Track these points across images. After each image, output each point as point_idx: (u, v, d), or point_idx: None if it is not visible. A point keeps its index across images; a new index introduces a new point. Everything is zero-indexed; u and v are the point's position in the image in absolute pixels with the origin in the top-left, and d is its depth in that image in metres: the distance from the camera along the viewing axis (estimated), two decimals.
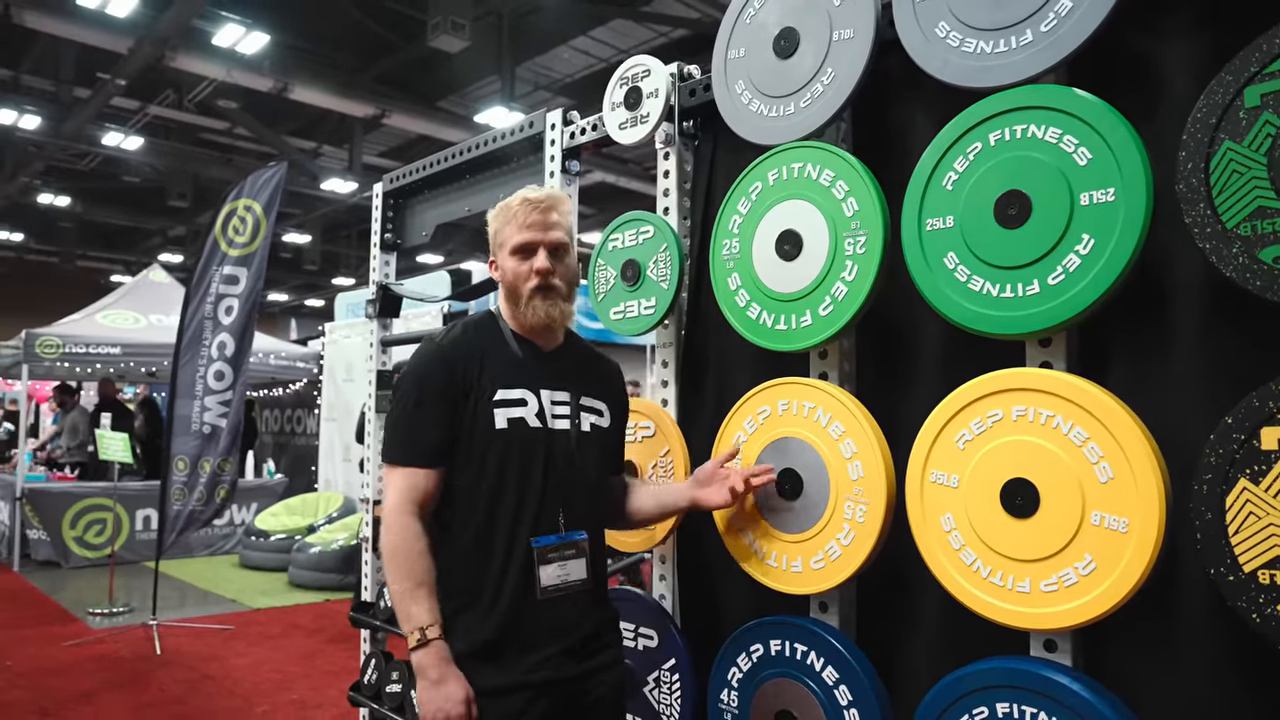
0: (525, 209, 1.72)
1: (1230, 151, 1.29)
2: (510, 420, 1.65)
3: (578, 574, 1.67)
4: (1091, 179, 1.41)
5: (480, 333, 1.75)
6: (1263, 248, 1.25)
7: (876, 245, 1.66)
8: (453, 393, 1.65)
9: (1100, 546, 1.37)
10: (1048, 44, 1.49)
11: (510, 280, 1.73)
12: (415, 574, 1.60)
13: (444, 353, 1.70)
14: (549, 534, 1.65)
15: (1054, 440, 1.42)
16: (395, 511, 1.63)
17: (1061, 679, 1.42)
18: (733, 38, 1.98)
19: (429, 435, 1.65)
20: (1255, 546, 1.24)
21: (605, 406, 1.82)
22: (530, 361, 1.73)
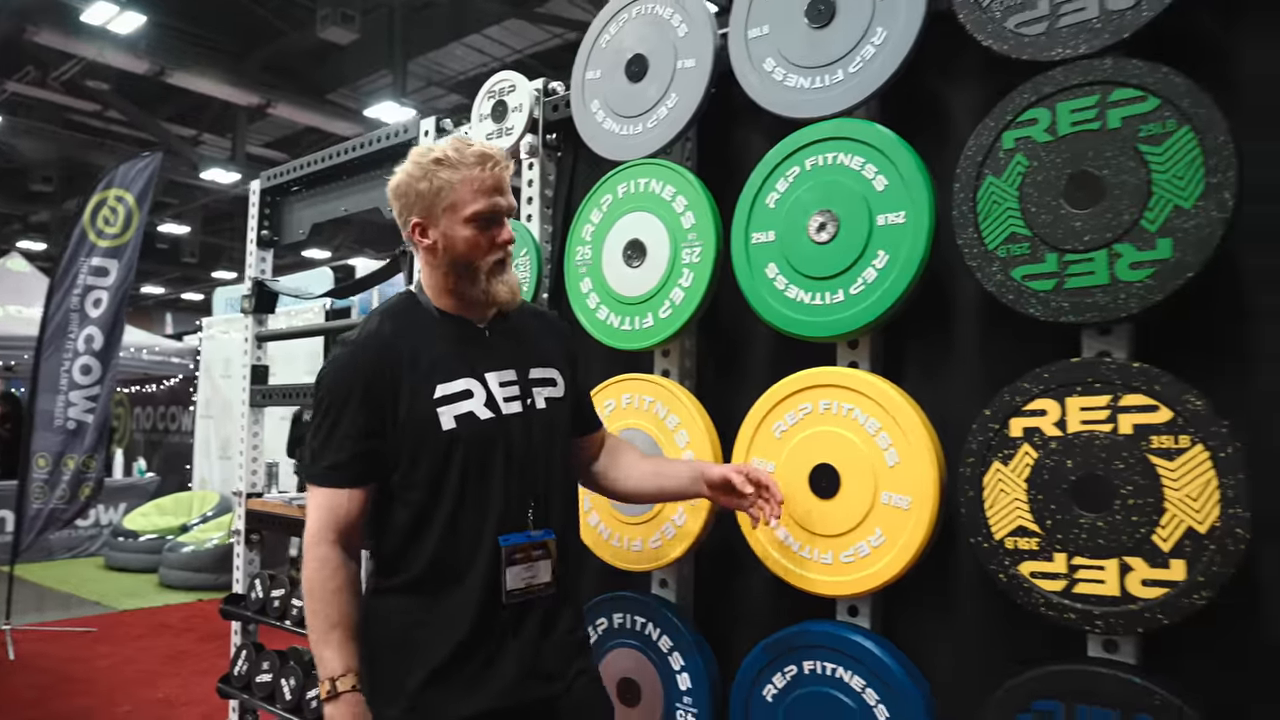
0: (483, 166, 1.45)
1: (992, 185, 1.52)
2: (458, 417, 1.44)
3: (543, 576, 1.48)
4: (887, 203, 1.63)
5: (401, 321, 1.50)
6: (1014, 267, 1.49)
7: (710, 255, 1.85)
8: (375, 399, 1.42)
9: (888, 522, 1.59)
10: (855, 83, 1.70)
11: (462, 252, 1.47)
12: (330, 615, 1.40)
13: (359, 355, 1.45)
14: (516, 532, 1.46)
15: (852, 430, 1.64)
16: (312, 541, 1.42)
17: (856, 638, 1.63)
18: (590, 60, 2.14)
19: (346, 451, 1.42)
20: (1004, 518, 1.47)
21: (556, 373, 1.59)
22: (466, 344, 1.50)
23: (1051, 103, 1.47)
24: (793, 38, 1.78)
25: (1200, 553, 1.30)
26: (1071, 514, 1.41)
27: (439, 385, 1.45)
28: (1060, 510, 1.42)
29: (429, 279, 1.54)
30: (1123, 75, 1.40)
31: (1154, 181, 1.37)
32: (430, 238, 1.48)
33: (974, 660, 1.61)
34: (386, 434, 1.43)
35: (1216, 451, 1.30)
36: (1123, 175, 1.39)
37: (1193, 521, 1.31)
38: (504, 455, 1.47)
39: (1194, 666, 1.43)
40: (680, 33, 1.97)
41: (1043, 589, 1.43)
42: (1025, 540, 1.45)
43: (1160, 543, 1.34)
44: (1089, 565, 1.39)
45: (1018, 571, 1.45)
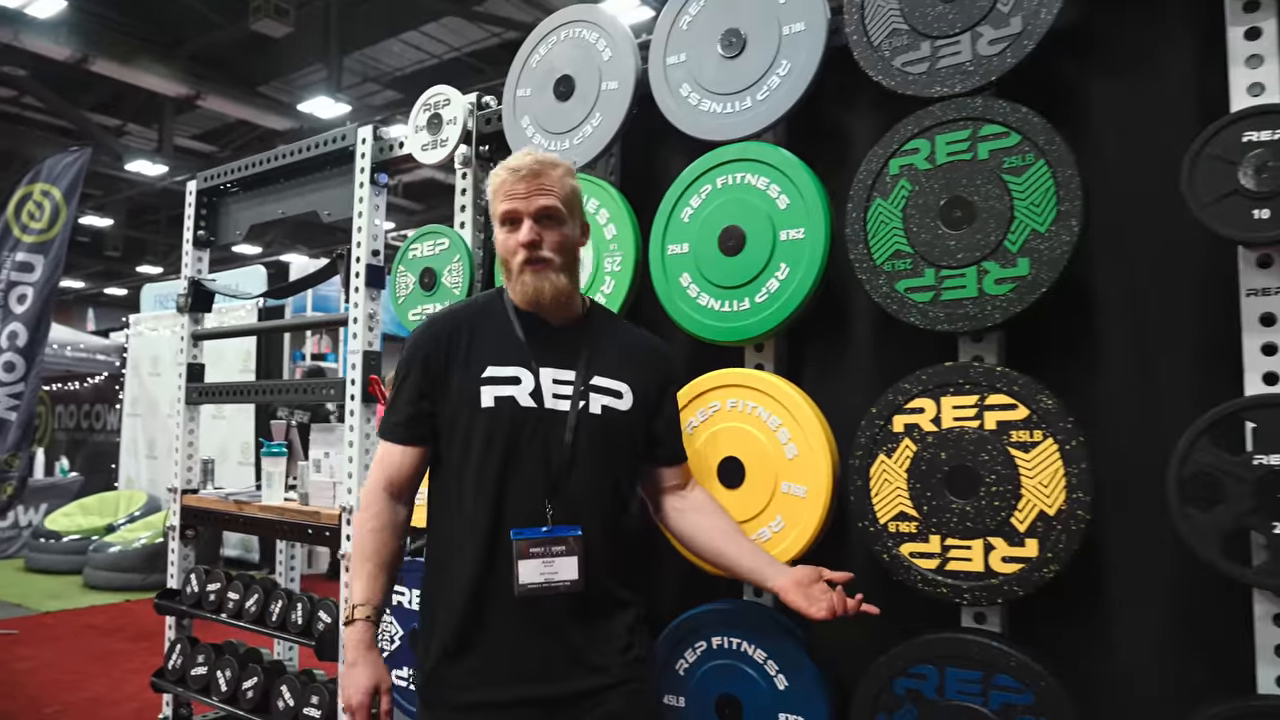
0: (508, 178, 1.57)
1: (880, 206, 1.70)
2: (498, 398, 1.52)
3: (566, 574, 1.48)
4: (788, 220, 1.79)
5: (481, 307, 1.64)
6: (898, 281, 1.66)
7: (629, 264, 2.00)
8: (434, 368, 1.56)
9: (788, 509, 1.76)
10: (763, 109, 1.86)
11: (501, 254, 1.60)
12: (365, 550, 1.55)
13: (431, 328, 1.61)
14: (535, 526, 1.49)
15: (757, 426, 1.80)
16: (366, 488, 1.61)
17: (759, 615, 1.80)
18: (521, 79, 2.27)
19: (405, 412, 1.58)
20: (887, 504, 1.65)
21: (625, 388, 1.60)
22: (532, 338, 1.58)
23: (931, 135, 1.65)
24: (707, 66, 1.93)
25: (1050, 532, 1.50)
26: (944, 500, 1.59)
27: (490, 366, 1.54)
28: (935, 497, 1.60)
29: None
30: (990, 113, 1.59)
31: (1015, 208, 1.56)
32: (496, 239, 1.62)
33: (865, 633, 1.78)
34: (439, 400, 1.56)
35: (1063, 444, 1.50)
36: (990, 201, 1.58)
37: (1044, 505, 1.51)
38: (532, 444, 1.51)
39: (1047, 631, 1.63)
40: (605, 56, 2.11)
41: (920, 567, 1.61)
42: (905, 524, 1.63)
43: (1017, 524, 1.53)
44: (959, 545, 1.58)
45: (899, 552, 1.63)
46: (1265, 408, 1.37)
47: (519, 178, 1.56)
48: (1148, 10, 1.63)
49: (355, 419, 2.67)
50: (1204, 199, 1.43)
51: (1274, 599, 1.42)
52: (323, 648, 2.62)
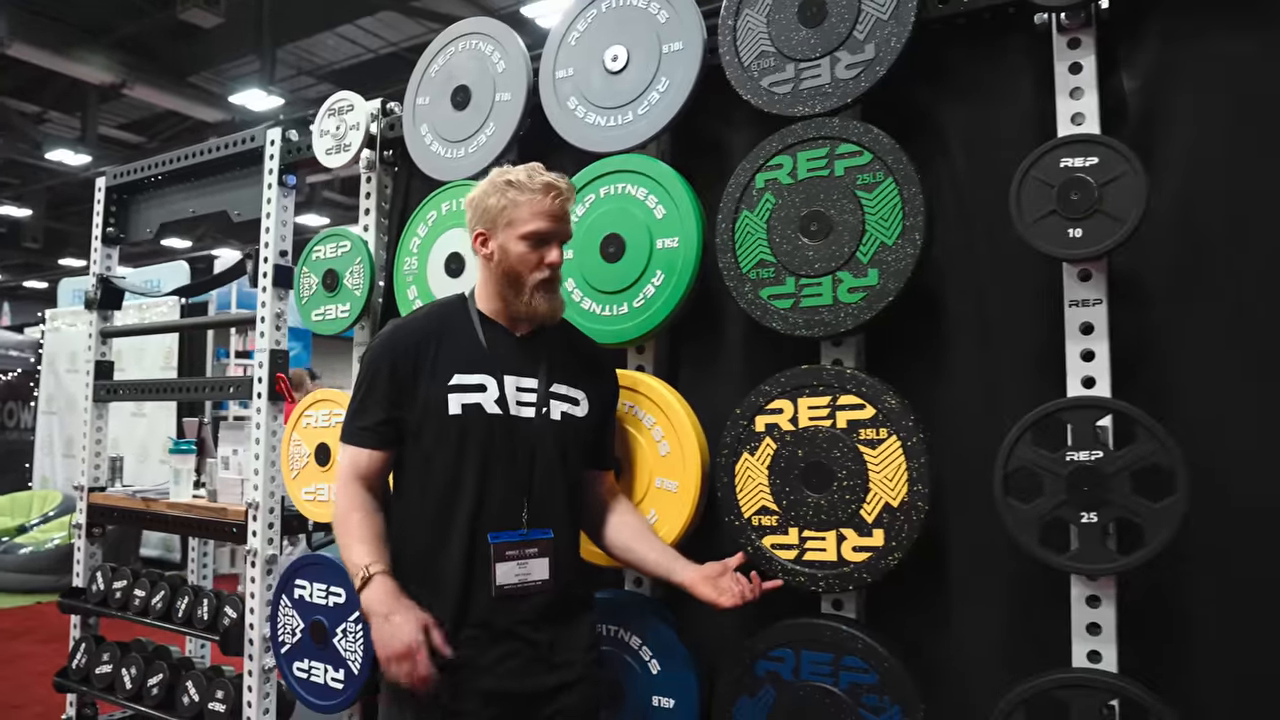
0: (547, 194, 1.60)
1: (747, 218, 1.80)
2: (465, 406, 1.58)
3: (539, 574, 1.57)
4: (665, 229, 1.89)
5: (444, 315, 1.68)
6: (762, 288, 1.77)
7: None
8: (399, 374, 1.60)
9: (661, 503, 1.86)
10: (643, 123, 1.96)
11: (513, 265, 1.61)
12: (351, 530, 1.57)
13: (396, 334, 1.65)
14: (510, 529, 1.57)
15: (633, 424, 1.90)
16: (339, 483, 1.63)
17: (638, 604, 1.90)
18: (420, 87, 2.33)
19: (372, 417, 1.61)
20: (751, 499, 1.76)
21: (582, 395, 1.69)
22: (496, 346, 1.64)
23: (793, 151, 1.76)
24: (593, 80, 2.02)
25: (894, 523, 1.62)
26: (801, 495, 1.70)
27: (456, 374, 1.59)
28: (793, 492, 1.71)
29: (481, 284, 1.69)
30: (845, 133, 1.71)
31: (867, 221, 1.68)
32: (489, 248, 1.64)
33: (737, 621, 1.89)
34: (406, 407, 1.60)
35: (906, 441, 1.62)
36: (845, 215, 1.70)
37: (889, 497, 1.63)
38: (502, 450, 1.58)
39: (898, 617, 1.76)
40: (499, 68, 2.18)
41: (780, 558, 1.72)
42: (767, 518, 1.74)
43: (866, 516, 1.65)
44: (815, 536, 1.69)
45: (762, 544, 1.74)
46: (1077, 409, 1.51)
47: (558, 199, 1.62)
48: (993, 44, 1.76)
49: (262, 416, 2.70)
50: (1027, 218, 1.56)
51: (1087, 582, 1.56)
52: (228, 642, 2.66)
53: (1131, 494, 1.45)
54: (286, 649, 2.44)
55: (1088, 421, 1.50)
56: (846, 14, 1.73)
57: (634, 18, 1.98)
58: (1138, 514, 1.45)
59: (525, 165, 1.66)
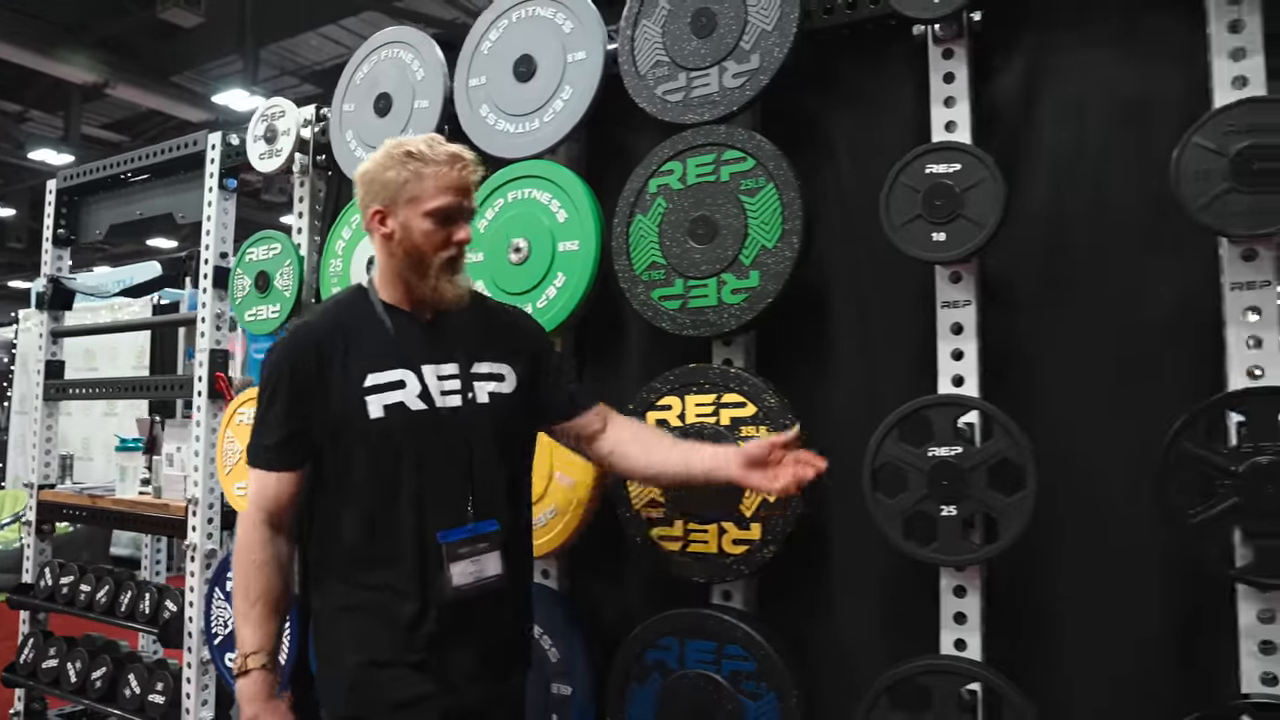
0: (453, 166, 1.47)
1: (640, 222, 1.87)
2: (387, 407, 1.45)
3: (492, 569, 1.47)
4: (566, 232, 1.96)
5: (344, 310, 1.54)
6: (654, 289, 1.84)
7: None
8: (303, 385, 1.46)
9: (560, 497, 1.92)
10: (549, 130, 2.02)
11: (417, 244, 1.47)
12: (250, 589, 1.44)
13: (292, 341, 1.51)
14: (456, 527, 1.45)
15: None
16: (243, 520, 1.49)
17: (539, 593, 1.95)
18: (347, 94, 2.39)
19: (276, 434, 1.47)
20: (640, 493, 1.82)
21: (507, 369, 1.57)
22: (407, 336, 1.51)
23: (684, 158, 1.82)
24: (502, 88, 2.08)
25: (770, 517, 1.68)
26: (688, 489, 1.77)
27: (370, 374, 1.45)
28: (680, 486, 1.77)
29: (381, 269, 1.54)
30: (730, 139, 1.77)
31: (749, 225, 1.74)
32: (389, 226, 1.48)
33: (635, 609, 1.95)
34: (314, 419, 1.46)
35: None
36: (729, 219, 1.76)
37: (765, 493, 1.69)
38: (436, 447, 1.46)
39: (782, 606, 1.82)
40: (419, 76, 2.24)
41: (667, 549, 1.79)
42: (655, 510, 1.80)
43: (745, 510, 1.71)
44: (698, 529, 1.76)
45: (650, 536, 1.81)
46: (940, 406, 1.58)
47: (464, 170, 1.48)
48: (877, 53, 1.82)
49: (202, 414, 2.76)
50: (895, 222, 1.63)
51: (954, 573, 1.62)
52: (167, 635, 2.72)
53: (987, 488, 1.52)
54: (219, 640, 2.50)
55: (949, 418, 1.56)
56: (734, 25, 1.79)
57: (541, 28, 2.04)
58: (993, 508, 1.51)
59: (424, 135, 1.51)
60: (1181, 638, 1.55)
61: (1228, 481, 1.38)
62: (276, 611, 1.46)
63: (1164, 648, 1.55)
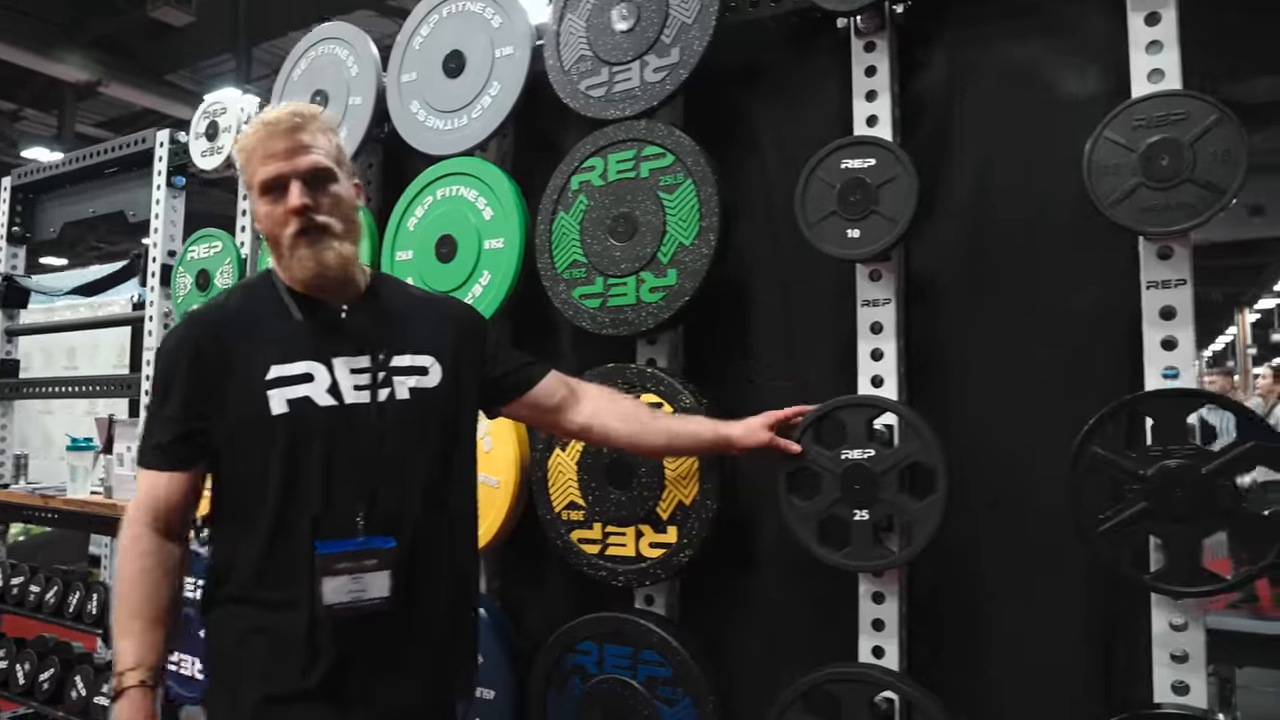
0: (265, 136, 1.34)
1: (562, 219, 1.83)
2: (291, 402, 1.32)
3: (376, 591, 1.29)
4: (492, 230, 1.93)
5: (249, 299, 1.42)
6: (575, 288, 1.81)
7: None
8: (201, 378, 1.33)
9: (484, 498, 1.87)
10: (477, 126, 1.99)
11: (266, 231, 1.37)
12: (132, 600, 1.30)
13: (190, 330, 1.39)
14: (344, 538, 1.30)
15: None
16: (127, 521, 1.34)
17: None
18: (285, 90, 2.37)
19: (168, 432, 1.34)
20: (561, 494, 1.79)
21: (431, 361, 1.43)
22: (317, 325, 1.38)
23: (605, 154, 1.79)
24: (433, 84, 2.05)
25: (686, 519, 1.65)
26: (606, 491, 1.73)
27: (274, 366, 1.32)
28: (599, 488, 1.74)
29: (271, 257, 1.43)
30: (650, 135, 1.74)
31: (668, 222, 1.71)
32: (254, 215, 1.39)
33: (560, 611, 1.92)
34: (211, 416, 1.33)
35: None
36: (649, 216, 1.73)
37: (681, 495, 1.66)
38: (339, 448, 1.32)
39: (705, 611, 1.79)
40: (353, 73, 2.22)
41: (586, 552, 1.76)
42: (575, 512, 1.77)
43: (661, 513, 1.68)
44: (616, 532, 1.73)
45: (570, 538, 1.78)
46: (853, 407, 1.54)
47: (276, 133, 1.34)
48: (803, 46, 1.79)
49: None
50: (811, 218, 1.59)
51: (872, 579, 1.59)
52: (109, 636, 2.69)
53: (899, 492, 1.48)
54: None
55: (862, 420, 1.53)
56: (655, 19, 1.76)
57: (471, 23, 2.01)
58: (904, 512, 1.48)
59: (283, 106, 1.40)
60: (1105, 641, 1.51)
61: (1136, 486, 1.34)
62: (160, 624, 1.30)
63: (1088, 651, 1.52)
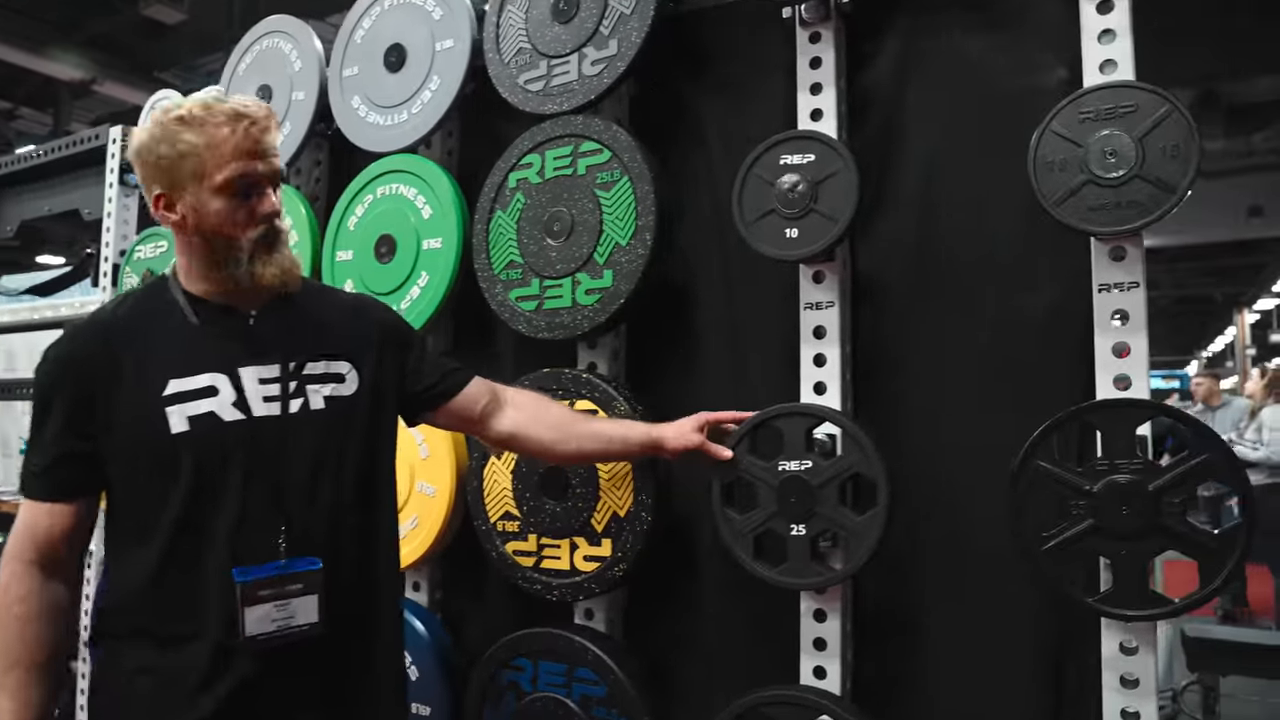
0: (238, 125, 1.20)
1: (500, 218, 1.76)
2: (193, 419, 1.20)
3: (305, 617, 1.21)
4: (430, 230, 1.86)
5: (143, 306, 1.29)
6: (511, 289, 1.73)
7: (305, 270, 2.01)
8: (86, 396, 1.20)
9: (421, 507, 1.82)
10: (417, 122, 1.92)
11: (215, 226, 1.22)
12: (11, 649, 1.18)
13: (73, 344, 1.25)
14: (265, 563, 1.20)
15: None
16: (5, 559, 1.21)
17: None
18: (231, 85, 2.30)
19: (48, 456, 1.21)
20: (497, 505, 1.72)
21: (348, 367, 1.32)
22: (221, 334, 1.26)
23: (542, 150, 1.72)
24: (374, 79, 1.98)
25: (621, 532, 1.58)
26: (540, 501, 1.66)
27: (172, 380, 1.21)
28: (533, 498, 1.67)
29: (180, 260, 1.30)
30: (587, 130, 1.67)
31: (604, 221, 1.63)
32: (177, 212, 1.23)
33: (499, 624, 1.85)
34: (98, 437, 1.21)
35: None
36: (585, 215, 1.65)
37: (616, 507, 1.59)
38: (249, 467, 1.21)
39: (647, 628, 1.72)
40: (296, 67, 2.15)
41: (521, 565, 1.69)
42: (510, 523, 1.70)
43: (596, 524, 1.61)
44: (551, 544, 1.65)
45: (505, 550, 1.71)
46: (791, 416, 1.47)
47: (254, 128, 1.21)
48: (750, 37, 1.72)
49: None
50: (748, 217, 1.52)
51: (815, 596, 1.51)
52: None
53: (837, 505, 1.41)
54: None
55: (800, 430, 1.45)
56: (594, 9, 1.69)
57: (412, 15, 1.94)
58: (843, 526, 1.40)
59: (202, 93, 1.25)
60: (1056, 660, 1.44)
61: (1082, 502, 1.26)
62: (45, 676, 1.18)
63: (1039, 671, 1.45)
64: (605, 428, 1.53)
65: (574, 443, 1.48)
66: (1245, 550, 1.21)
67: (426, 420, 1.50)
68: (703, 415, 1.50)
